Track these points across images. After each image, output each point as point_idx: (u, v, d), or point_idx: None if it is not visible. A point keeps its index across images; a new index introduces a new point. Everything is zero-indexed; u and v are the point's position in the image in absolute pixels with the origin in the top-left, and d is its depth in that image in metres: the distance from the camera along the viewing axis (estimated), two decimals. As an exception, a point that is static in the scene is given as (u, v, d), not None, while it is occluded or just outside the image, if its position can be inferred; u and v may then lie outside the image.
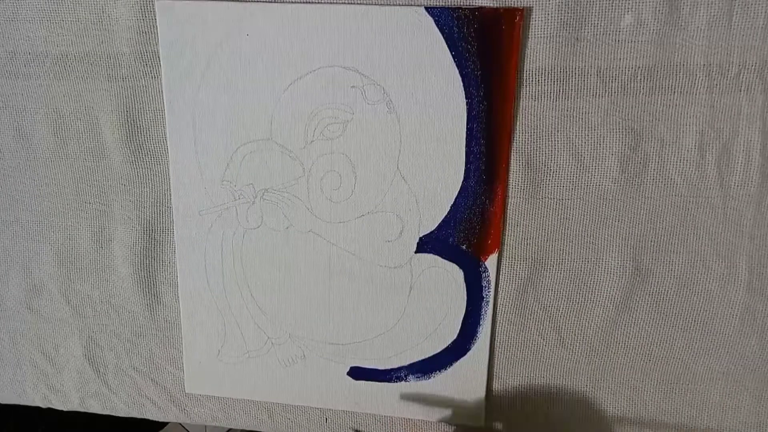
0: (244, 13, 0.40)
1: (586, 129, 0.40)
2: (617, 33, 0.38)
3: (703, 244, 0.41)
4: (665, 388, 0.45)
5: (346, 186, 0.42)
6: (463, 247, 0.42)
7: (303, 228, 0.43)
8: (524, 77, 0.39)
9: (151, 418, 0.52)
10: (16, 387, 0.53)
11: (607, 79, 0.39)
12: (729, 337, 0.43)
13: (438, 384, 0.46)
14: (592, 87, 0.39)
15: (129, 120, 0.44)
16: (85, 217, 0.47)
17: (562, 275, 0.43)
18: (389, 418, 0.48)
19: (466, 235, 0.42)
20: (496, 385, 0.46)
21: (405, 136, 0.41)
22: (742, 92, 0.38)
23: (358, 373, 0.47)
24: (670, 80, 0.38)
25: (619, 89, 0.39)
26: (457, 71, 0.39)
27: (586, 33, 0.38)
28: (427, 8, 0.38)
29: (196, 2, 0.40)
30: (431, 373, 0.45)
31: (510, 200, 0.41)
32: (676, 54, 0.38)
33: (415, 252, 0.43)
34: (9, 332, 0.51)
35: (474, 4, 0.38)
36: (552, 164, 0.41)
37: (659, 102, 0.39)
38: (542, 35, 0.38)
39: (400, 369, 0.46)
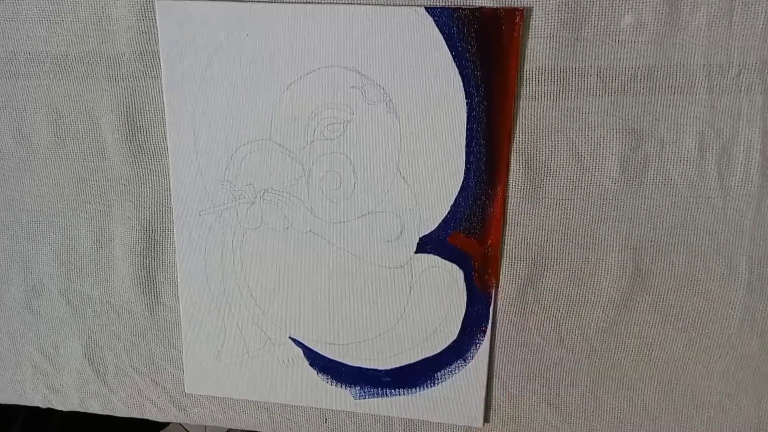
0: (244, 13, 0.40)
1: (586, 129, 0.40)
2: (617, 33, 0.38)
3: (703, 244, 0.41)
4: (665, 388, 0.45)
5: (346, 186, 0.42)
6: (463, 247, 0.42)
7: (303, 228, 0.43)
8: (524, 77, 0.39)
9: (150, 418, 0.52)
10: (16, 387, 0.53)
11: (607, 79, 0.39)
12: (729, 337, 0.43)
13: (437, 384, 0.46)
14: (592, 87, 0.39)
15: (129, 120, 0.44)
16: (85, 217, 0.47)
17: (562, 275, 0.43)
18: (389, 418, 0.48)
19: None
20: (496, 385, 0.46)
21: (405, 136, 0.41)
22: (742, 92, 0.38)
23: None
24: (670, 80, 0.38)
25: (619, 89, 0.39)
26: (457, 71, 0.39)
27: (586, 33, 0.38)
28: (427, 8, 0.38)
29: (196, 2, 0.40)
30: (431, 373, 0.45)
31: (510, 200, 0.41)
32: (676, 54, 0.38)
33: (415, 252, 0.43)
34: (9, 332, 0.51)
35: (474, 4, 0.38)
36: (552, 164, 0.41)
37: (659, 102, 0.39)
38: (542, 35, 0.38)
39: (399, 369, 0.46)
